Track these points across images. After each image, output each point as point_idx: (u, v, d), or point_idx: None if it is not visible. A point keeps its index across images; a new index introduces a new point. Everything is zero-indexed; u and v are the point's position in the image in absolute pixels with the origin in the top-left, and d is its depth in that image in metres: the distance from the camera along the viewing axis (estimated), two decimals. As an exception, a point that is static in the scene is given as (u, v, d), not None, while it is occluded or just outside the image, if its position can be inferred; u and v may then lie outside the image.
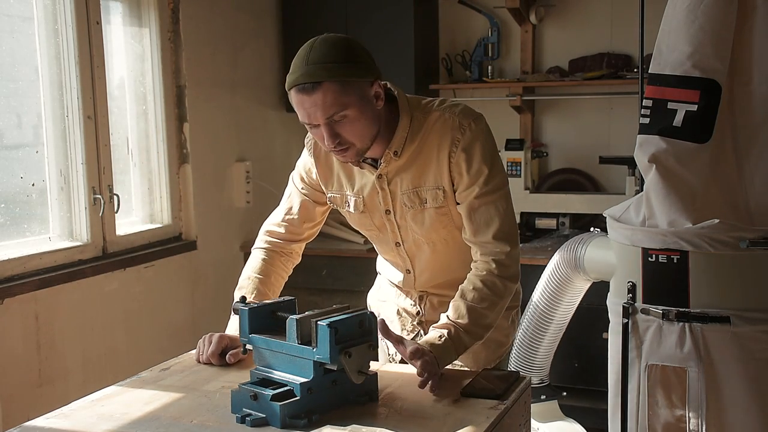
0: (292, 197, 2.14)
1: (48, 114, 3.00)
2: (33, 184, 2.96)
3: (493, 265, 1.87)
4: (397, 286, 2.17)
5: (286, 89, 1.81)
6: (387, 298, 2.21)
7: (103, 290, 3.15)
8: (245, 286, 2.05)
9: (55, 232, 3.04)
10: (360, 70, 1.79)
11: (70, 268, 2.99)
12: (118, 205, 3.23)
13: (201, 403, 1.62)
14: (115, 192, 3.21)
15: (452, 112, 1.92)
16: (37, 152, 2.99)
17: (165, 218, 3.58)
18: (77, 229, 3.10)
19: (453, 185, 1.92)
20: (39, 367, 2.87)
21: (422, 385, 1.66)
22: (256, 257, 2.12)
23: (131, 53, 3.45)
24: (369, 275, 2.40)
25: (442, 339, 1.77)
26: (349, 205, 2.04)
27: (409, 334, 2.13)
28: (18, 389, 2.78)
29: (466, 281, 1.89)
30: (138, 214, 3.50)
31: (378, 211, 2.01)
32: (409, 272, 2.09)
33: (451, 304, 1.86)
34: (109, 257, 3.18)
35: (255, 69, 4.09)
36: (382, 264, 2.23)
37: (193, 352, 1.97)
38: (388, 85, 1.93)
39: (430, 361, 1.69)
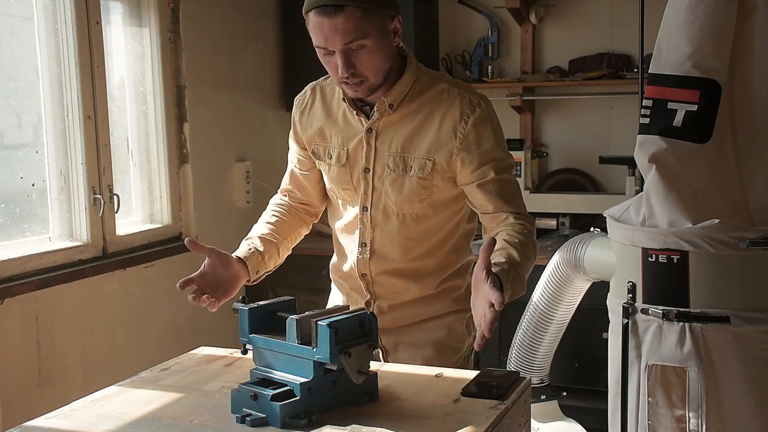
0: (288, 171, 2.15)
1: (48, 114, 3.00)
2: (33, 184, 2.96)
3: (529, 228, 1.85)
4: (345, 288, 2.08)
5: (304, 13, 1.78)
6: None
7: (103, 290, 3.15)
8: (254, 230, 2.05)
9: (55, 232, 3.04)
10: (384, 1, 1.78)
11: (70, 268, 2.99)
12: (118, 205, 3.23)
13: (201, 403, 1.62)
14: (115, 192, 3.21)
15: (462, 87, 1.92)
16: (37, 152, 2.99)
17: (165, 218, 3.58)
18: (77, 229, 3.10)
19: (450, 161, 1.88)
20: (39, 367, 2.87)
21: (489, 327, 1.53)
22: (267, 210, 2.14)
23: (131, 53, 3.45)
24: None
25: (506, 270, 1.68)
26: (331, 157, 1.98)
27: None
28: (18, 389, 2.78)
29: (504, 233, 1.82)
30: (138, 214, 3.50)
31: (358, 167, 1.95)
32: (365, 246, 1.98)
33: (496, 252, 1.74)
34: (109, 257, 3.18)
35: (255, 69, 4.09)
36: (334, 257, 2.15)
37: (193, 352, 1.97)
38: (401, 44, 1.91)
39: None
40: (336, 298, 2.19)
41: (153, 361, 1.97)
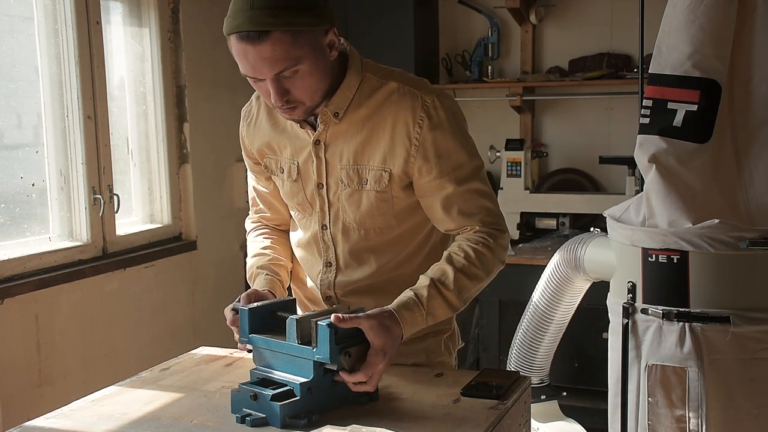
0: (250, 189, 1.99)
1: (48, 114, 3.00)
2: (33, 184, 2.96)
3: (491, 241, 1.67)
4: (307, 305, 1.91)
5: (225, 34, 1.57)
6: None
7: (103, 290, 3.15)
8: (256, 262, 1.87)
9: (55, 232, 3.04)
10: (314, 17, 1.54)
11: (70, 268, 2.99)
12: (118, 205, 3.23)
13: (201, 403, 1.62)
14: (115, 192, 3.21)
15: (414, 86, 1.69)
16: (37, 152, 2.99)
17: (165, 218, 3.58)
18: (77, 229, 3.10)
19: (408, 170, 1.69)
20: (39, 367, 2.87)
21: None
22: (253, 237, 1.94)
23: (131, 53, 3.45)
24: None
25: (415, 297, 1.58)
26: (283, 171, 1.81)
27: None
28: (18, 389, 2.78)
29: (452, 246, 1.68)
30: (138, 214, 3.50)
31: (310, 182, 1.77)
32: (330, 265, 1.81)
33: (433, 267, 1.65)
34: (109, 257, 3.18)
35: (255, 69, 4.08)
36: (295, 273, 1.96)
37: (193, 352, 1.97)
38: (341, 40, 1.67)
39: (378, 324, 1.50)
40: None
41: (153, 361, 1.97)
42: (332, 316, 1.49)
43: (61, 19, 2.99)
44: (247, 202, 2.07)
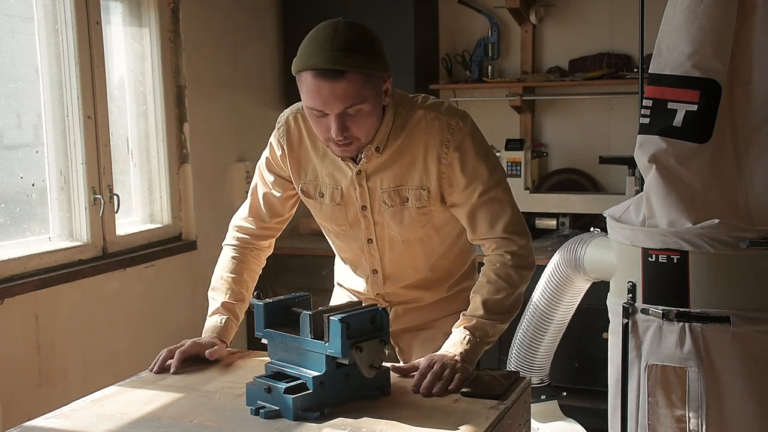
0: (257, 191, 2.05)
1: (48, 114, 3.00)
2: (33, 184, 2.96)
3: (508, 257, 1.85)
4: (357, 296, 2.08)
5: (299, 70, 1.72)
6: None
7: (103, 290, 3.15)
8: (219, 287, 2.01)
9: (55, 232, 3.04)
10: (381, 63, 1.75)
11: (70, 268, 2.99)
12: (118, 205, 3.23)
13: (201, 403, 1.62)
14: (115, 192, 3.21)
15: (438, 111, 1.87)
16: (37, 152, 2.99)
17: (165, 218, 3.58)
18: (77, 229, 3.10)
19: (441, 186, 1.87)
20: (39, 367, 2.87)
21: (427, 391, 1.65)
22: (227, 255, 2.05)
23: (131, 53, 3.45)
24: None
25: (463, 336, 1.78)
26: (323, 196, 1.95)
27: None
28: (18, 389, 2.78)
29: (481, 275, 1.88)
30: (138, 214, 3.50)
31: (354, 206, 1.94)
32: (376, 273, 2.01)
33: (470, 298, 1.86)
34: (109, 257, 3.18)
35: (255, 69, 4.09)
36: (341, 273, 2.15)
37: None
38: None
39: (444, 363, 1.70)
40: (340, 300, 2.16)
41: (153, 361, 1.97)
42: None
43: (61, 19, 2.99)
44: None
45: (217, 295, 2.00)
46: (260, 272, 2.09)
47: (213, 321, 1.97)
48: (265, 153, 2.03)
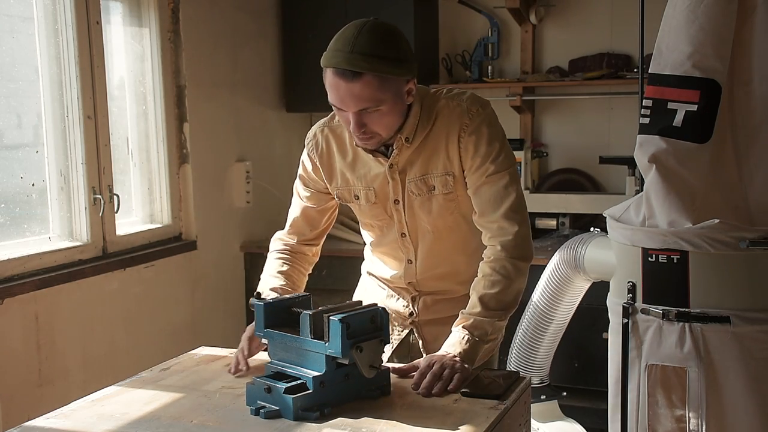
0: (296, 208, 2.15)
1: (48, 114, 3.00)
2: (33, 184, 2.96)
3: (499, 248, 1.89)
4: (389, 286, 2.14)
5: (323, 65, 1.81)
6: (375, 301, 2.18)
7: (103, 290, 3.15)
8: (268, 283, 2.04)
9: (55, 232, 3.04)
10: (401, 68, 1.81)
11: (70, 268, 2.99)
12: (118, 205, 3.23)
13: (201, 403, 1.62)
14: (115, 192, 3.21)
15: (460, 99, 1.94)
16: (37, 152, 2.99)
17: (165, 218, 3.58)
18: (77, 229, 3.10)
19: (463, 169, 1.93)
20: (39, 367, 2.87)
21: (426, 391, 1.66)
22: (272, 260, 2.12)
23: (131, 53, 3.45)
24: (369, 275, 2.39)
25: (462, 336, 1.80)
26: (359, 198, 2.03)
27: (399, 335, 2.12)
28: (18, 389, 2.78)
29: (478, 271, 1.91)
30: (138, 214, 3.50)
31: (388, 200, 2.01)
32: (411, 262, 2.07)
33: (469, 294, 1.89)
34: (109, 257, 3.18)
35: (255, 69, 4.09)
36: (372, 263, 2.20)
37: (193, 352, 1.97)
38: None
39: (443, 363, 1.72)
40: (363, 294, 2.21)
41: (153, 361, 1.97)
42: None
43: (61, 19, 2.99)
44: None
45: (268, 285, 2.03)
46: (308, 272, 2.17)
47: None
48: (299, 171, 2.11)
